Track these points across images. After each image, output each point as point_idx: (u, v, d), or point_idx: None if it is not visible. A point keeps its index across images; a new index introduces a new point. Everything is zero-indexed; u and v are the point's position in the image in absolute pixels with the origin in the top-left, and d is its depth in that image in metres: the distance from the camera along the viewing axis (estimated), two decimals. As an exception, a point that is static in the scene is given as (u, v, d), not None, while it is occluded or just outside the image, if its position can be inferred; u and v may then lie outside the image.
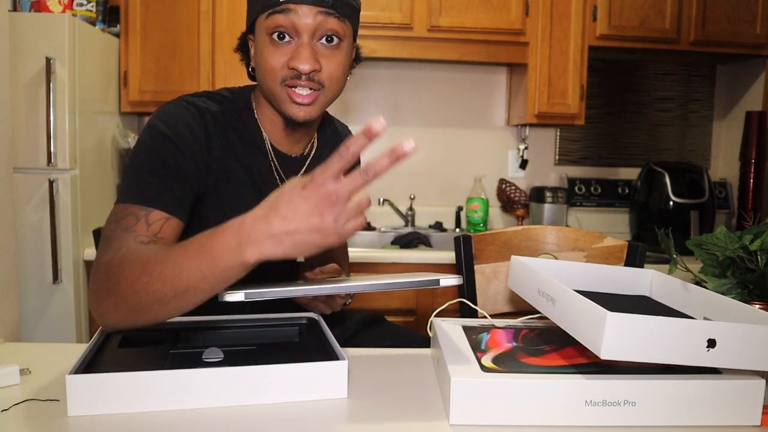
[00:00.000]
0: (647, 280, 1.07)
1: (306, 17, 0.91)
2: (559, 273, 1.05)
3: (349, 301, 1.09)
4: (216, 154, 0.97)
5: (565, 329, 0.80)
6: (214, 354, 0.83)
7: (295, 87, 0.94)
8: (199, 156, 0.95)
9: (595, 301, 0.73)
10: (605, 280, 1.06)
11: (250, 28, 1.01)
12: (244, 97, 1.06)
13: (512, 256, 1.05)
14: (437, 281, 0.84)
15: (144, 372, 0.75)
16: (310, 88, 0.94)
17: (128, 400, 0.75)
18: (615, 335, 0.69)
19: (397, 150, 0.62)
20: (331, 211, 0.65)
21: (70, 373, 0.74)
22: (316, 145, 1.13)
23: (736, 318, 0.84)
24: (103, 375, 0.74)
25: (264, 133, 1.04)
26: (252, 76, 1.07)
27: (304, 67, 0.91)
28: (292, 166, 1.07)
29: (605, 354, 0.69)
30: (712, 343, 0.72)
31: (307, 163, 1.10)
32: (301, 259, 1.02)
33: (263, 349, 0.87)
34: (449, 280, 0.83)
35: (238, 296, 0.75)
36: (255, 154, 1.03)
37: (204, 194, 0.98)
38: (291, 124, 1.00)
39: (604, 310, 0.70)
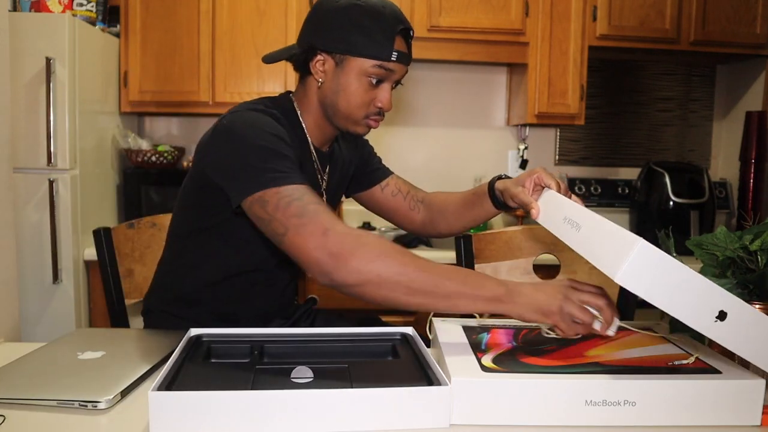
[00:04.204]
0: None
1: (400, 72, 1.11)
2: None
3: None
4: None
5: (583, 255, 0.79)
6: (303, 373, 0.80)
7: (374, 119, 1.14)
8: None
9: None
10: None
11: (330, 51, 1.08)
12: (285, 103, 1.18)
13: (545, 189, 1.05)
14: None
15: (229, 392, 0.71)
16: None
17: (212, 421, 0.70)
18: (638, 264, 0.67)
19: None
20: (569, 296, 0.84)
21: (153, 390, 0.71)
22: (335, 143, 1.28)
23: None
24: (188, 393, 0.71)
25: (307, 133, 1.18)
26: (304, 78, 1.16)
27: (389, 108, 1.13)
28: (323, 159, 1.23)
29: (620, 278, 0.68)
30: (722, 316, 0.70)
31: (331, 156, 1.26)
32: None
33: (355, 368, 0.83)
34: None
35: None
36: (302, 150, 1.17)
37: None
38: (350, 137, 1.24)
39: (637, 236, 0.68)
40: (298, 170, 0.99)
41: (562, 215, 0.90)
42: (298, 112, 1.17)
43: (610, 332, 0.85)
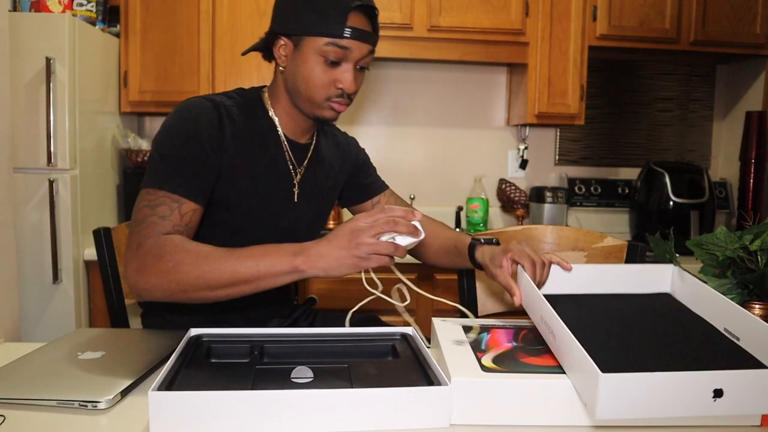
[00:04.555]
0: (668, 277, 1.03)
1: (359, 51, 1.06)
2: (577, 276, 1.02)
3: None
4: (228, 141, 1.09)
5: (565, 370, 0.77)
6: (303, 373, 0.80)
7: (336, 102, 1.11)
8: (216, 146, 1.07)
9: (611, 307, 0.68)
10: (625, 279, 1.03)
11: (289, 34, 1.08)
12: (253, 94, 1.19)
13: (518, 267, 1.01)
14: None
15: (229, 392, 0.71)
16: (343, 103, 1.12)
17: (212, 421, 0.70)
18: (609, 396, 0.64)
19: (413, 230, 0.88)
20: (358, 243, 0.86)
21: (153, 390, 0.70)
22: (316, 135, 1.26)
23: (758, 335, 0.79)
24: (188, 393, 0.70)
25: (278, 124, 1.17)
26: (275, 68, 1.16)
27: (350, 88, 1.08)
28: (301, 152, 1.21)
29: (600, 415, 0.65)
30: (719, 393, 0.66)
31: (311, 149, 1.23)
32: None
33: (355, 368, 0.83)
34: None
35: None
36: (267, 141, 1.16)
37: (221, 176, 1.09)
38: (319, 122, 1.17)
39: (597, 369, 0.65)
40: (191, 176, 1.02)
41: (539, 314, 0.88)
42: (268, 103, 1.17)
43: (419, 229, 0.89)
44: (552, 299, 0.87)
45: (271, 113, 1.17)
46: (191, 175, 1.03)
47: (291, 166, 1.19)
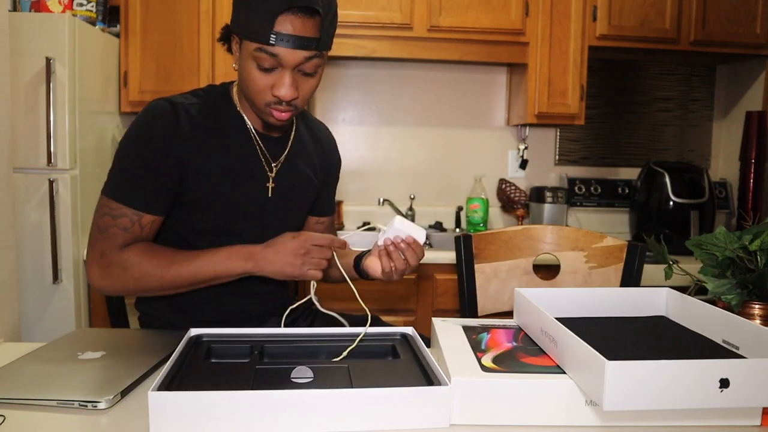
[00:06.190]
0: (662, 300, 1.03)
1: (293, 58, 0.97)
2: (572, 300, 1.02)
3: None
4: (188, 141, 1.06)
5: (568, 374, 0.77)
6: (303, 373, 0.80)
7: (275, 109, 1.04)
8: (175, 146, 1.05)
9: (607, 329, 0.69)
10: (620, 303, 1.03)
11: (236, 32, 1.04)
12: (222, 89, 1.15)
13: (515, 289, 1.01)
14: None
15: (229, 392, 0.70)
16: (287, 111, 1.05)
17: (212, 421, 0.70)
18: (617, 384, 0.65)
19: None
20: (300, 256, 1.01)
21: (153, 390, 0.70)
22: (294, 126, 1.22)
23: (757, 341, 0.79)
24: (188, 393, 0.70)
25: (246, 119, 1.14)
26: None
27: (286, 96, 1.00)
28: (277, 145, 1.17)
29: (608, 406, 0.65)
30: (725, 383, 0.66)
31: (290, 142, 1.20)
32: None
33: (355, 368, 0.83)
34: None
35: None
36: (236, 137, 1.12)
37: (186, 177, 1.07)
38: (267, 126, 1.15)
39: (602, 358, 0.65)
40: (149, 188, 1.04)
41: (539, 327, 0.88)
42: (235, 98, 1.13)
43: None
44: None
45: (239, 108, 1.12)
46: (149, 187, 1.05)
47: (264, 161, 1.14)
